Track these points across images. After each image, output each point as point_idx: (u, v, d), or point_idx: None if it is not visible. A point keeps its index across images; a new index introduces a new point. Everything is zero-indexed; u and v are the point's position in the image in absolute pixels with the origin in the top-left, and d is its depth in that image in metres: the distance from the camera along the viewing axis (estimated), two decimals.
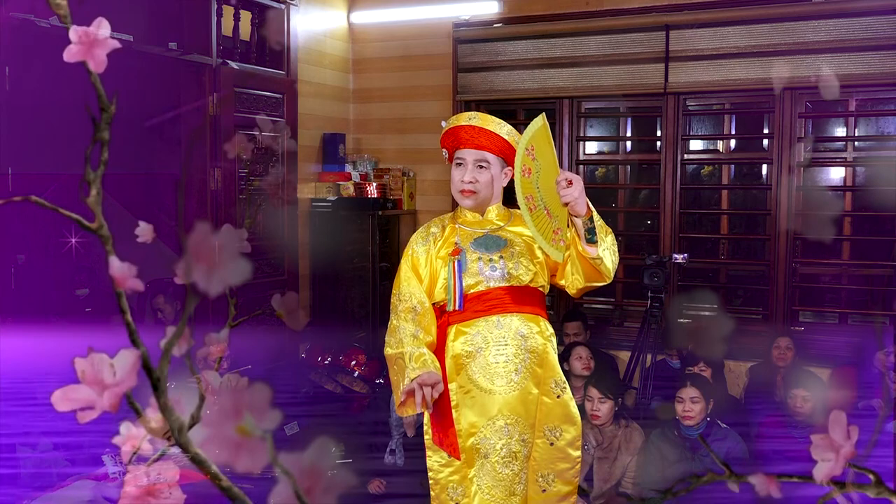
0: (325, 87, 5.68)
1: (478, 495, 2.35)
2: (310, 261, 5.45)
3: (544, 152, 2.28)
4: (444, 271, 2.39)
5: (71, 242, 4.78)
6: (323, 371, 4.84)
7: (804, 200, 4.90)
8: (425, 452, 2.44)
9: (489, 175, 2.43)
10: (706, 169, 5.80)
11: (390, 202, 5.61)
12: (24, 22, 3.41)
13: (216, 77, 4.57)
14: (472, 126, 2.43)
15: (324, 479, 0.48)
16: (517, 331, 2.35)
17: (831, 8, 4.63)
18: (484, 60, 5.53)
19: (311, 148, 5.51)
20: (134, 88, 4.12)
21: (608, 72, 5.19)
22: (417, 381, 2.21)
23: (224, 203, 4.63)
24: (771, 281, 4.93)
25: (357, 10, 5.88)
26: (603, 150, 5.71)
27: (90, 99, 0.69)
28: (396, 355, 2.35)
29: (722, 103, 5.22)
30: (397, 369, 2.33)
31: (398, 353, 2.34)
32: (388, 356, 2.40)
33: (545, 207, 2.26)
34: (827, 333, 4.85)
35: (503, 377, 2.33)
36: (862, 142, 5.06)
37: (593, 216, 2.26)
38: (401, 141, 5.85)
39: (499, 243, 2.42)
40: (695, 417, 3.47)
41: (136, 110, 4.75)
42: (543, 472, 2.40)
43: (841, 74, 4.65)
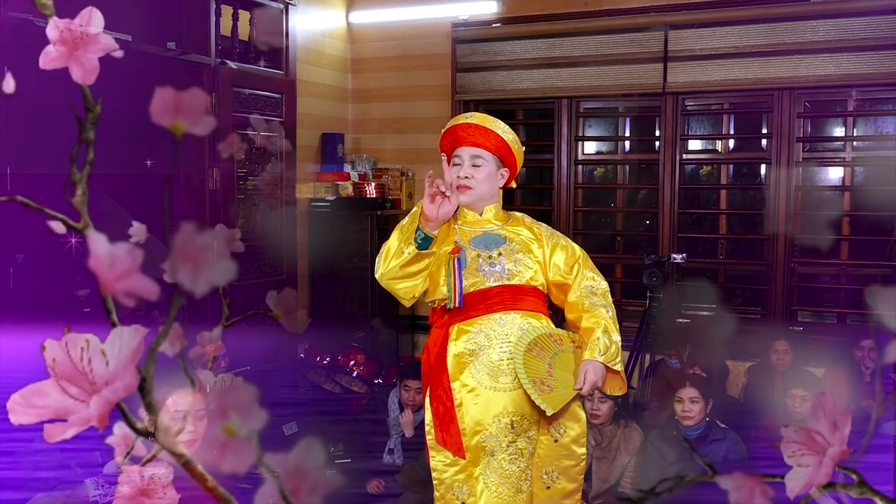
0: (323, 86, 5.68)
1: (485, 493, 2.35)
2: (308, 261, 5.45)
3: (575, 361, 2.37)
4: (443, 269, 2.40)
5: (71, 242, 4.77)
6: (322, 371, 4.84)
7: (803, 200, 4.90)
8: (427, 453, 2.44)
9: (485, 172, 2.45)
10: (705, 169, 5.80)
11: (389, 202, 5.60)
12: (24, 22, 3.41)
13: (215, 77, 4.57)
14: (468, 124, 2.47)
15: (310, 480, 0.48)
16: (520, 328, 2.35)
17: (830, 8, 4.63)
18: (483, 60, 5.52)
19: (309, 148, 5.51)
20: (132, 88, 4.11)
21: (607, 72, 5.19)
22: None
23: (223, 203, 4.63)
24: (770, 281, 4.93)
25: (356, 9, 5.88)
26: (601, 150, 5.71)
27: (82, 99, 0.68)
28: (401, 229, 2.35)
29: (721, 103, 5.22)
30: (408, 223, 2.33)
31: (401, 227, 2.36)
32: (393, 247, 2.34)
33: (549, 364, 2.30)
34: (825, 333, 4.85)
35: (508, 375, 2.33)
36: (860, 142, 5.05)
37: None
38: (399, 141, 5.85)
39: (497, 241, 2.43)
40: (694, 418, 3.47)
41: (136, 110, 4.74)
42: (548, 469, 2.40)
43: (839, 74, 4.65)
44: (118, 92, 1.48)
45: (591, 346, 2.28)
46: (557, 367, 2.29)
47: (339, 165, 5.56)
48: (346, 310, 5.45)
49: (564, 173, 5.42)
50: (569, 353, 2.34)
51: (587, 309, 2.36)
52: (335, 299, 5.45)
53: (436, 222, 2.29)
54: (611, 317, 2.36)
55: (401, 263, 2.30)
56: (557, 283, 2.45)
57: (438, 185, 2.27)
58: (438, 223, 2.30)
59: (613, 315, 2.38)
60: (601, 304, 2.37)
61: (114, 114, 1.86)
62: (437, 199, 2.27)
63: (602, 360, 2.26)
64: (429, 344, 2.47)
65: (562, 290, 2.46)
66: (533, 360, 2.27)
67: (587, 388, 2.24)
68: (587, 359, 2.27)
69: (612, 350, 2.29)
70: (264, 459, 0.49)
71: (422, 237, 2.28)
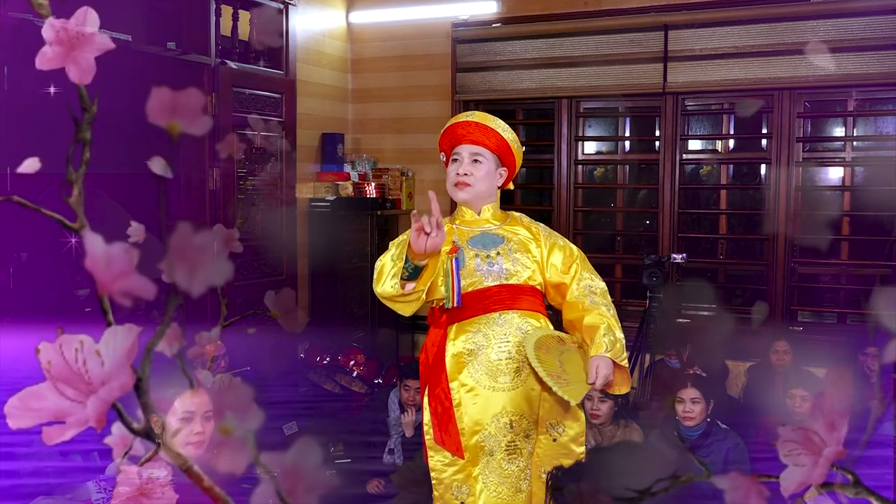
0: (323, 86, 5.68)
1: (484, 493, 2.35)
2: (308, 261, 5.45)
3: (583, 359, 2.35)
4: (441, 269, 2.40)
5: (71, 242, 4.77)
6: (322, 371, 4.84)
7: (803, 200, 4.90)
8: (425, 452, 2.44)
9: (484, 170, 2.45)
10: (705, 169, 5.80)
11: (389, 202, 5.60)
12: (24, 22, 3.41)
13: (215, 77, 4.57)
14: (469, 122, 2.48)
15: (307, 480, 0.48)
16: (518, 327, 2.35)
17: (830, 8, 4.63)
18: (483, 60, 5.52)
19: (309, 148, 5.51)
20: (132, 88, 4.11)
21: (607, 72, 5.19)
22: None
23: (223, 203, 4.63)
24: (770, 281, 4.93)
25: (356, 9, 5.88)
26: (601, 150, 5.70)
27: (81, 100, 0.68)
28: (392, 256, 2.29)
29: (720, 103, 5.22)
30: (398, 252, 2.26)
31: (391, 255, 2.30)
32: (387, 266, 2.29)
33: (560, 361, 2.29)
34: (825, 333, 4.85)
35: (506, 374, 2.33)
36: (860, 142, 5.05)
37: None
38: (399, 141, 5.85)
39: (496, 241, 2.44)
40: (695, 418, 3.47)
41: (135, 110, 4.74)
42: (546, 468, 2.40)
43: (839, 74, 4.65)
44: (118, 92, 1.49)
45: (596, 343, 2.27)
46: (567, 364, 2.29)
47: (339, 165, 5.56)
48: (346, 310, 5.45)
49: (564, 173, 5.42)
50: (574, 351, 2.34)
51: (588, 308, 2.35)
52: (335, 299, 5.45)
53: (425, 255, 2.14)
54: (612, 315, 2.36)
55: (393, 295, 2.24)
56: (555, 284, 2.44)
57: (424, 223, 2.10)
58: (428, 255, 2.15)
59: (614, 313, 2.38)
60: (602, 303, 2.37)
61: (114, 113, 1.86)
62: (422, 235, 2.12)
63: (609, 356, 2.26)
64: (427, 344, 2.47)
65: (559, 291, 2.45)
66: (545, 357, 2.27)
67: (600, 381, 2.23)
68: (595, 355, 2.26)
69: (617, 347, 2.28)
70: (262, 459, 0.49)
71: (411, 268, 2.17)
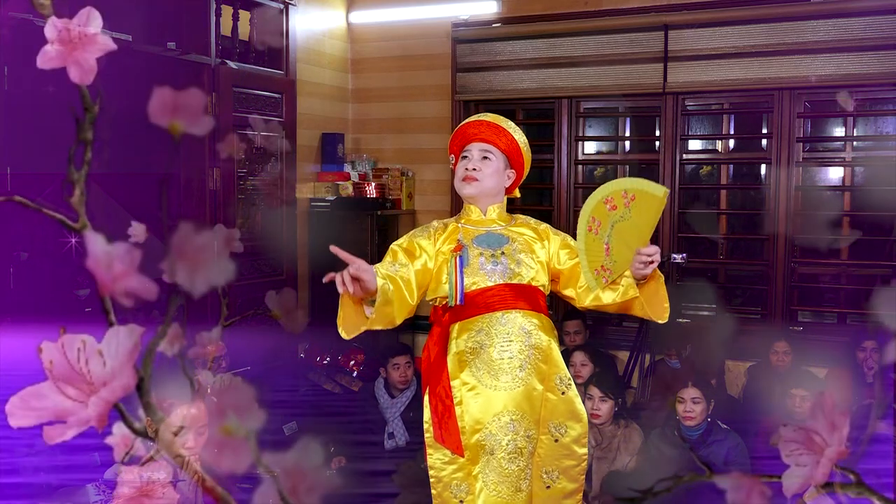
0: (323, 86, 5.68)
1: (483, 492, 2.35)
2: (308, 261, 5.44)
3: (643, 212, 2.18)
4: (445, 267, 2.40)
5: (71, 242, 4.77)
6: (322, 371, 4.84)
7: (803, 200, 4.90)
8: (425, 450, 2.44)
9: (493, 167, 2.47)
10: (705, 169, 5.80)
11: (389, 202, 5.60)
12: (24, 22, 3.41)
13: (215, 77, 4.57)
14: (480, 121, 2.51)
15: (308, 479, 0.48)
16: (521, 327, 2.35)
17: (830, 8, 4.63)
18: (483, 60, 5.52)
19: (309, 148, 5.51)
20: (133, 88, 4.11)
21: (607, 72, 5.19)
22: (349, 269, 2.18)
23: (223, 203, 4.63)
24: (770, 281, 4.93)
25: (356, 9, 5.88)
26: (602, 150, 5.70)
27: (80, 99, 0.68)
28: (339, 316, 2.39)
29: (721, 103, 5.22)
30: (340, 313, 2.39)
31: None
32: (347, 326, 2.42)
33: (606, 243, 2.22)
34: (826, 333, 4.85)
35: (508, 373, 2.33)
36: (860, 142, 5.05)
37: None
38: (400, 141, 5.85)
39: (500, 240, 2.44)
40: (696, 418, 3.47)
41: (136, 110, 4.74)
42: (548, 468, 2.40)
43: (839, 74, 4.65)
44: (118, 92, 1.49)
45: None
46: (614, 240, 2.21)
47: (339, 165, 5.56)
48: None
49: (564, 173, 5.42)
50: (626, 220, 2.21)
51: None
52: (335, 299, 5.42)
53: (366, 294, 2.24)
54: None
55: (358, 332, 2.31)
56: (568, 269, 2.41)
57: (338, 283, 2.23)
58: (367, 293, 2.24)
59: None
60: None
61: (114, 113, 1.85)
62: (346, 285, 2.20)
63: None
64: (429, 342, 2.47)
65: (571, 278, 2.42)
66: (593, 242, 2.22)
67: (653, 251, 2.16)
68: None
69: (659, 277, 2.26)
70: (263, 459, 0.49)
71: (370, 300, 2.24)
